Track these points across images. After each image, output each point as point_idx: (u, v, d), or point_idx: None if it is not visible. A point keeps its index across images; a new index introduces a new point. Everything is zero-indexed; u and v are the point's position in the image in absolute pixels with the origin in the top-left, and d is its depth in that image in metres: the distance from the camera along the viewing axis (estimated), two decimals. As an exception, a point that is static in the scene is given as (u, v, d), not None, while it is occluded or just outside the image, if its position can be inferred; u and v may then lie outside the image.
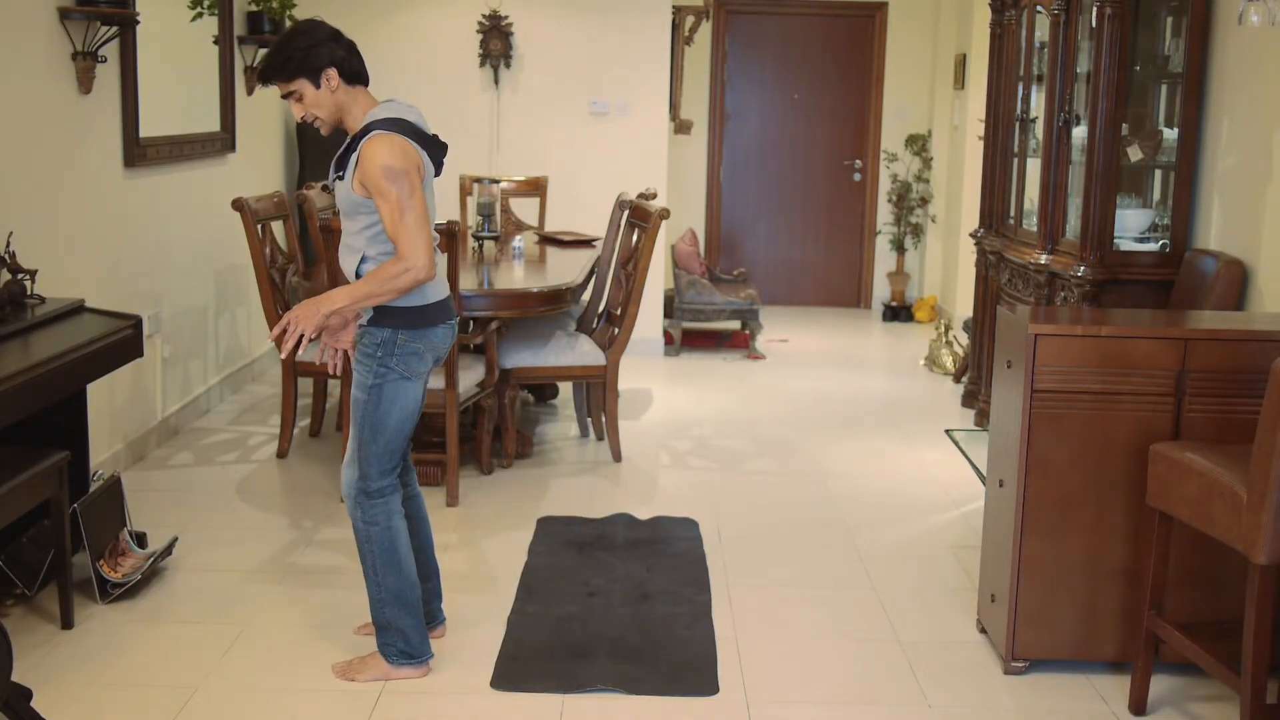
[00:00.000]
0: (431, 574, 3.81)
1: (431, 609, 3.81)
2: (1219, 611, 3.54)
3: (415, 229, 3.32)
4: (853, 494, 5.38)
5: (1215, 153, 5.04)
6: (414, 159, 3.36)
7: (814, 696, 3.57)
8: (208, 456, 5.69)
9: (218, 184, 6.38)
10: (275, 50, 3.42)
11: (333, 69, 3.41)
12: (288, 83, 3.41)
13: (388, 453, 3.48)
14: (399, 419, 3.48)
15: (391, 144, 3.33)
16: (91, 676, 3.55)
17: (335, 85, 3.42)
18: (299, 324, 3.34)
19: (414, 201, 3.32)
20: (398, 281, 3.33)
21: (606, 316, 5.89)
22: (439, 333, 3.53)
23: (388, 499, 3.50)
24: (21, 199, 4.52)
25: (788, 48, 9.94)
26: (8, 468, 3.60)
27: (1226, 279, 4.71)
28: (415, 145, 3.40)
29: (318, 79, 3.40)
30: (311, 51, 3.39)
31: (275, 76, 3.42)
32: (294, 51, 3.39)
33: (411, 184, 3.32)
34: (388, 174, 3.30)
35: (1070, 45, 5.56)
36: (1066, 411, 3.54)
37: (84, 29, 4.87)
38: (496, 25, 7.83)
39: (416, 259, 3.31)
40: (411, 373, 3.48)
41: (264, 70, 3.44)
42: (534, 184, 7.53)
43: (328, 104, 3.43)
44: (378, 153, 3.31)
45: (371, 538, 3.50)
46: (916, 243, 9.92)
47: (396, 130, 3.38)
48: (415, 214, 3.32)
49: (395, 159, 3.31)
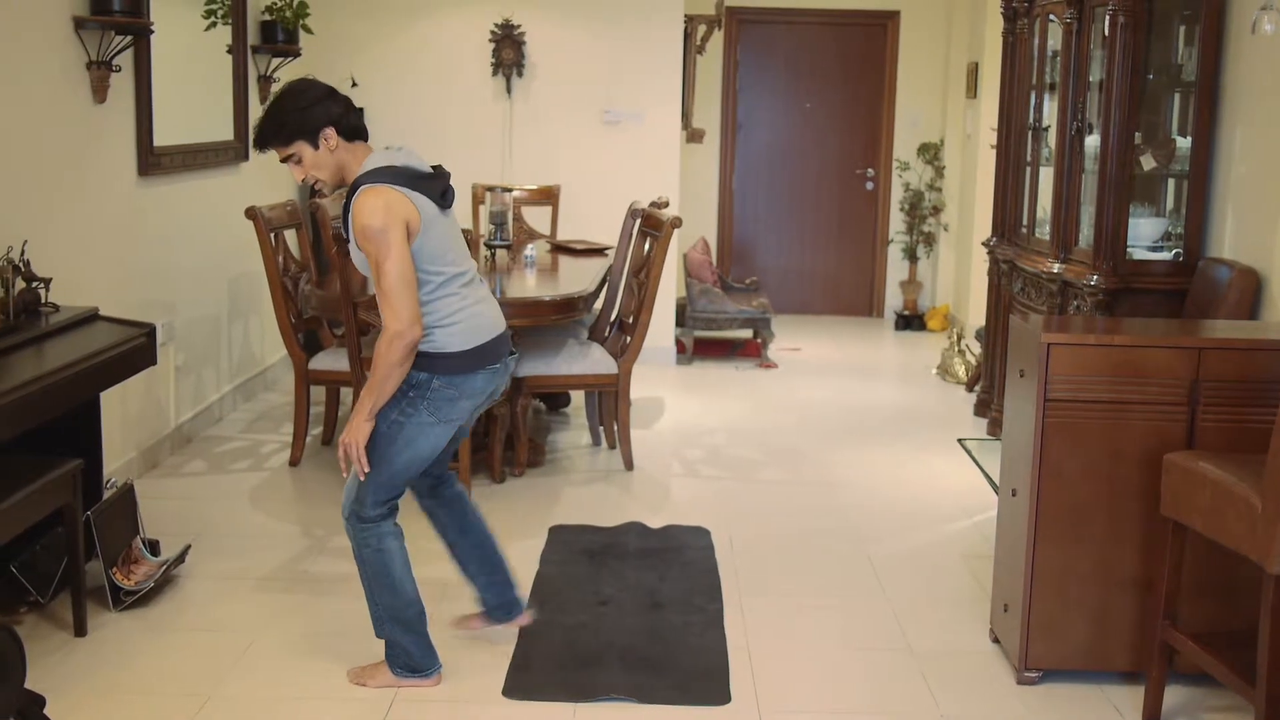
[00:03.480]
0: (497, 566, 3.79)
1: (507, 600, 3.81)
2: (1233, 622, 3.53)
3: (393, 291, 3.20)
4: (865, 503, 5.38)
5: (1229, 161, 5.03)
6: (398, 212, 3.23)
7: (826, 706, 3.56)
8: (220, 464, 5.70)
9: (231, 193, 6.40)
10: (269, 114, 3.33)
11: (330, 128, 3.32)
12: (285, 146, 3.32)
13: (388, 487, 3.44)
14: (407, 460, 3.42)
15: (375, 200, 3.22)
16: (104, 684, 3.56)
17: (334, 144, 3.33)
18: (353, 444, 3.32)
19: (391, 262, 3.20)
20: (393, 354, 3.23)
21: (618, 325, 5.89)
22: (478, 379, 3.42)
23: (379, 524, 3.47)
24: (36, 207, 4.54)
25: (799, 57, 9.94)
26: (22, 476, 3.61)
27: (1240, 288, 4.70)
28: (406, 192, 3.27)
29: (316, 140, 3.32)
30: (307, 112, 3.30)
31: (271, 141, 3.34)
32: (288, 114, 3.31)
33: (389, 242, 3.19)
34: (366, 233, 3.21)
35: (1083, 53, 5.55)
36: (1079, 421, 3.54)
37: (99, 38, 4.89)
38: (509, 34, 7.85)
39: (398, 323, 3.21)
40: (442, 417, 3.40)
41: (259, 135, 3.35)
42: (546, 192, 7.54)
43: (328, 164, 3.35)
44: (359, 212, 3.22)
45: (364, 559, 3.49)
46: (929, 251, 9.91)
47: (384, 179, 3.27)
48: (392, 276, 3.20)
49: (375, 217, 3.20)
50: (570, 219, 7.71)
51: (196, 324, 6.11)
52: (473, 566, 3.78)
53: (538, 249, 6.66)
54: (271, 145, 3.35)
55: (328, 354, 5.63)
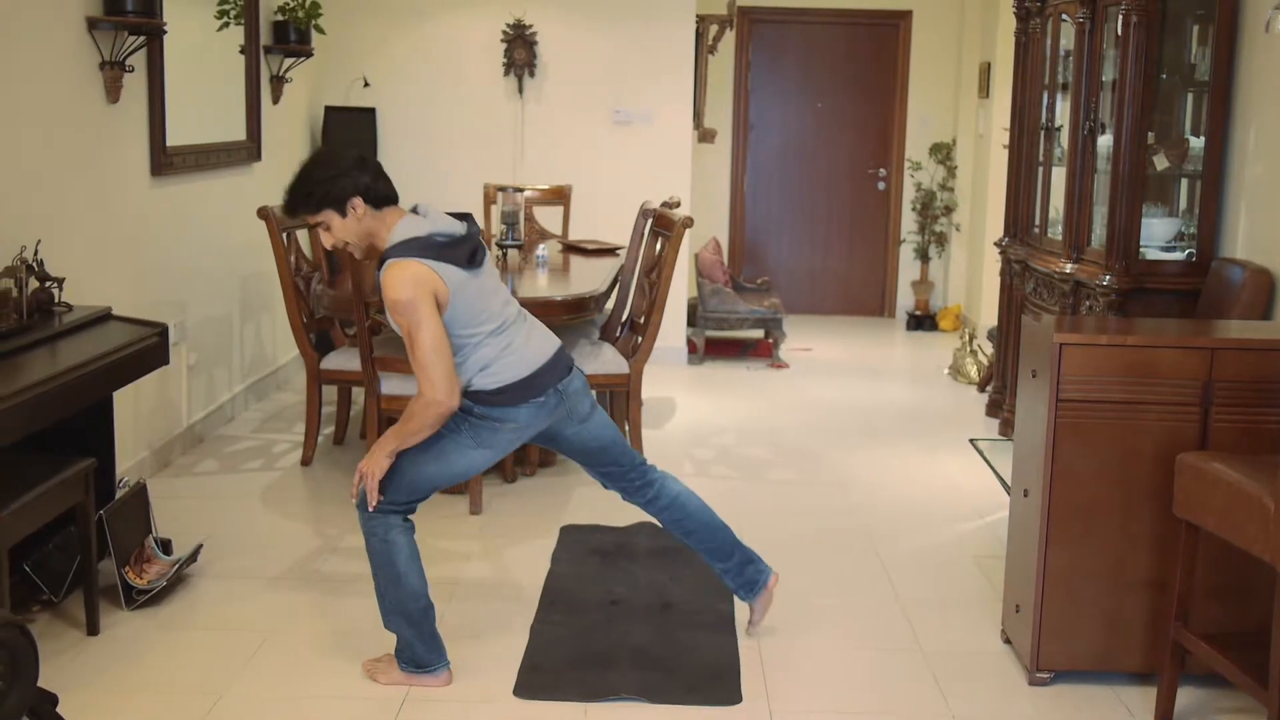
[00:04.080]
0: (730, 550, 3.85)
1: (747, 580, 3.87)
2: (1246, 623, 3.52)
3: (428, 361, 3.29)
4: (876, 503, 5.37)
5: (1242, 161, 5.02)
6: (425, 284, 3.28)
7: (836, 706, 3.56)
8: (232, 464, 5.71)
9: (243, 192, 6.41)
10: (298, 183, 3.39)
11: (358, 197, 3.36)
12: (313, 215, 3.39)
13: (408, 490, 3.46)
14: (434, 472, 3.47)
15: (401, 274, 3.28)
16: (117, 682, 3.57)
17: (362, 213, 3.37)
18: (370, 476, 3.38)
19: (422, 334, 3.27)
20: (426, 418, 3.34)
21: (630, 325, 5.89)
22: (523, 412, 3.48)
23: (388, 517, 3.48)
24: (49, 207, 4.56)
25: (811, 56, 9.93)
26: (35, 475, 3.63)
27: (1253, 288, 4.68)
28: (431, 264, 3.30)
29: (343, 209, 3.36)
30: (335, 182, 3.34)
31: (300, 209, 3.40)
32: (316, 184, 3.36)
33: (418, 314, 3.26)
34: (396, 308, 3.29)
35: (1095, 53, 5.54)
36: (1092, 421, 3.53)
37: (112, 39, 4.91)
38: (521, 35, 7.85)
39: (433, 393, 3.30)
40: (481, 442, 3.47)
41: (289, 203, 3.42)
42: (558, 192, 7.54)
43: (356, 231, 3.40)
44: (387, 286, 3.29)
45: (372, 548, 3.50)
46: (941, 251, 9.90)
47: (410, 253, 3.31)
48: (424, 347, 3.28)
49: (402, 291, 3.26)
50: (582, 219, 7.71)
51: (209, 323, 6.12)
52: (708, 558, 3.91)
53: (549, 249, 6.67)
54: (299, 213, 3.43)
55: (339, 354, 5.64)
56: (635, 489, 3.78)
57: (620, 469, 3.74)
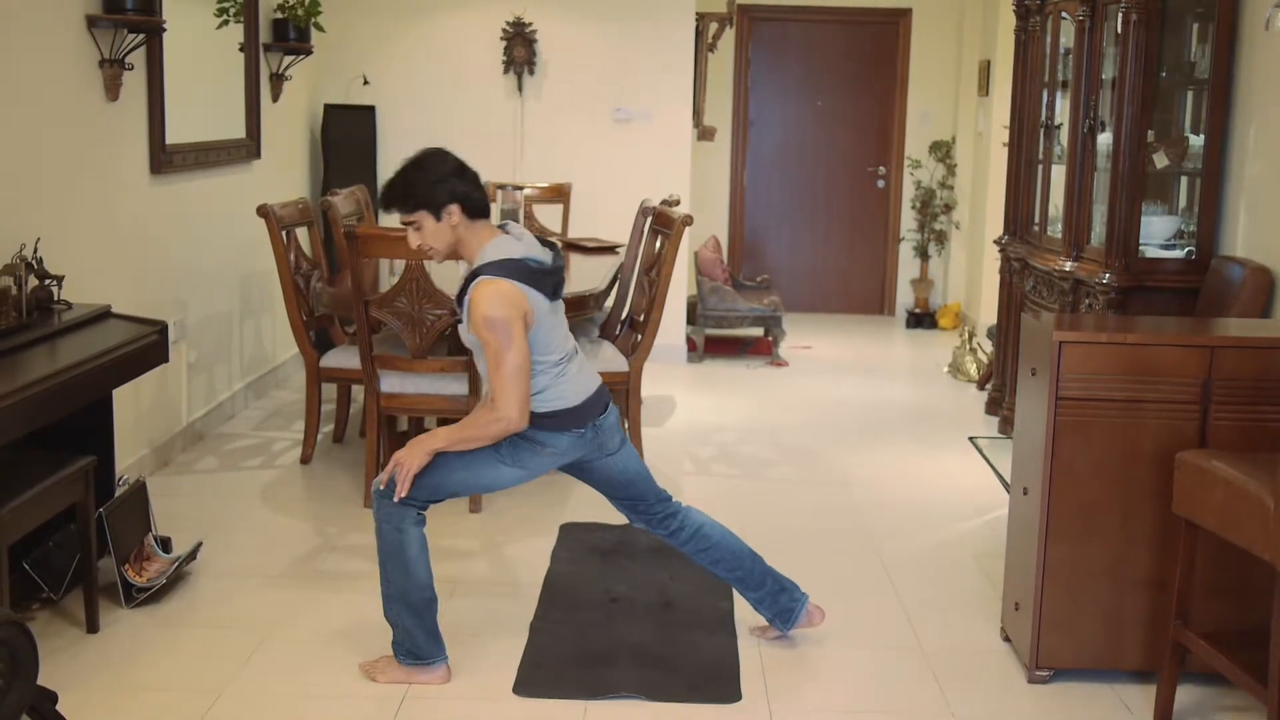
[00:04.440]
0: (760, 580, 3.85)
1: (783, 609, 3.87)
2: (1245, 621, 3.51)
3: (509, 380, 3.35)
4: (876, 501, 5.37)
5: (1242, 159, 5.02)
6: (518, 305, 3.36)
7: (836, 705, 3.56)
8: (232, 462, 5.71)
9: (243, 190, 6.41)
10: (399, 180, 3.45)
11: (455, 205, 3.42)
12: (409, 214, 3.44)
13: (430, 490, 3.50)
14: (460, 480, 3.52)
15: (495, 292, 3.34)
16: (116, 680, 3.57)
17: (456, 221, 3.43)
18: (408, 465, 3.41)
19: (511, 353, 3.34)
20: (489, 429, 3.41)
21: (629, 323, 5.89)
22: (563, 440, 3.54)
23: (405, 509, 3.50)
24: (49, 205, 4.56)
25: (811, 54, 9.93)
26: (35, 472, 3.63)
27: (1253, 286, 4.68)
28: (522, 287, 3.38)
29: (439, 214, 3.42)
30: (435, 186, 3.40)
31: (398, 206, 3.45)
32: (418, 186, 3.42)
33: (510, 334, 3.33)
34: (487, 324, 3.34)
35: (1095, 51, 5.54)
36: (1091, 419, 3.53)
37: (111, 36, 4.91)
38: (520, 32, 7.85)
39: (509, 411, 3.37)
40: (518, 462, 3.53)
41: (387, 197, 3.47)
42: (557, 190, 7.54)
43: (446, 237, 3.45)
44: (479, 303, 3.35)
45: (383, 535, 3.52)
46: (940, 249, 9.90)
47: (506, 273, 3.37)
48: (511, 366, 3.35)
49: (496, 309, 3.33)
50: (581, 217, 7.71)
51: (208, 322, 6.12)
52: (738, 587, 3.91)
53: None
54: (396, 209, 3.47)
55: (339, 351, 5.64)
56: (659, 520, 3.81)
57: (646, 502, 3.79)
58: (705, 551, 3.83)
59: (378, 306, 4.83)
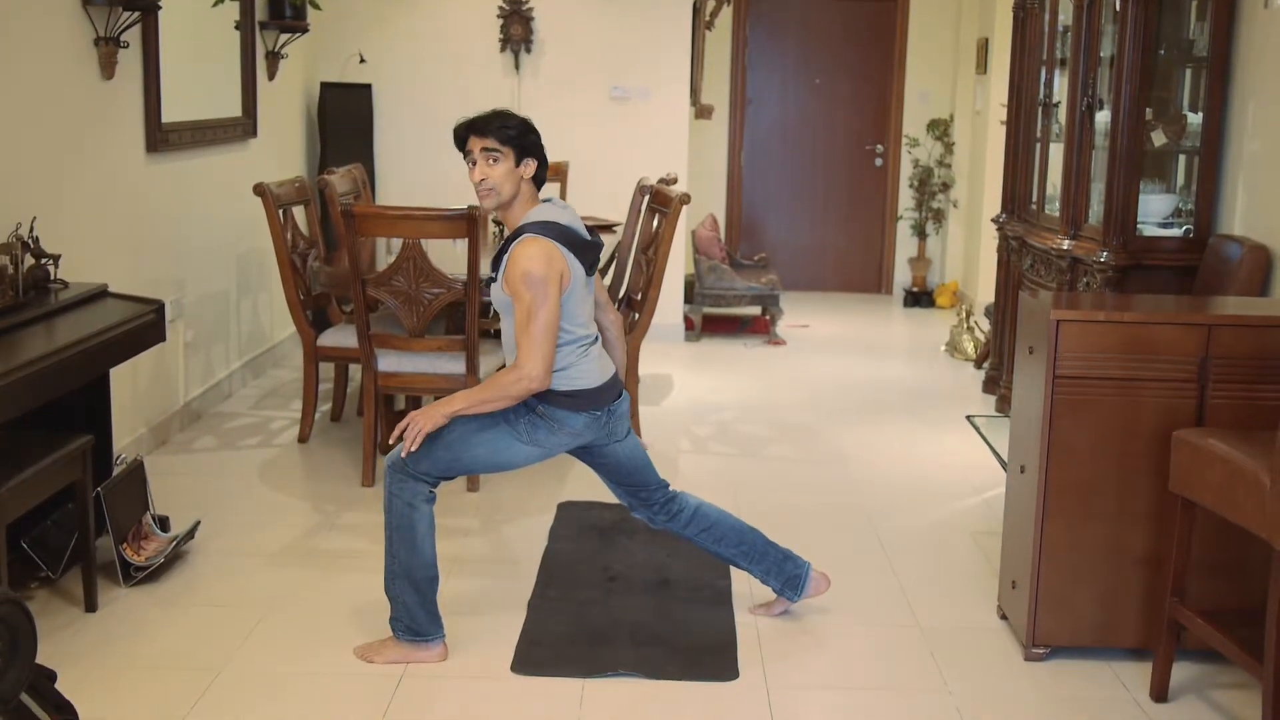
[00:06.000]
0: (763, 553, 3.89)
1: (790, 577, 3.91)
2: (1242, 599, 3.52)
3: (539, 338, 3.41)
4: (873, 480, 5.38)
5: (1240, 137, 5.01)
6: (557, 266, 3.44)
7: (834, 682, 3.57)
8: (230, 441, 5.71)
9: (239, 169, 6.40)
10: (506, 115, 3.57)
11: (535, 162, 3.56)
12: (501, 145, 3.51)
13: (443, 465, 3.52)
14: (474, 457, 3.54)
15: (538, 249, 3.43)
16: (115, 659, 3.58)
17: (528, 175, 3.56)
18: (421, 424, 3.42)
19: (544, 311, 3.40)
20: (512, 389, 3.43)
21: (627, 301, 5.89)
22: (580, 420, 3.58)
23: (418, 483, 3.51)
24: (44, 184, 4.54)
25: (809, 32, 9.90)
26: (32, 452, 3.63)
27: (1251, 264, 4.68)
28: (563, 250, 3.47)
29: (521, 160, 3.54)
30: (532, 136, 3.56)
31: (494, 134, 3.52)
32: (522, 128, 3.54)
33: (547, 293, 3.40)
34: (526, 279, 3.40)
35: (1094, 29, 5.52)
36: (1089, 397, 3.53)
37: (106, 14, 4.88)
38: (517, 10, 7.82)
39: (533, 369, 3.41)
40: (535, 440, 3.56)
41: (486, 118, 3.54)
42: (555, 169, 7.50)
43: (512, 183, 3.54)
44: (522, 256, 3.43)
45: (393, 509, 3.53)
46: (938, 228, 9.89)
47: (550, 234, 3.47)
48: (542, 323, 3.41)
49: (537, 265, 3.40)
50: (579, 195, 7.68)
51: (205, 300, 6.11)
52: (743, 562, 3.92)
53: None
54: (493, 135, 3.52)
55: (336, 330, 5.63)
56: (659, 505, 3.85)
57: (648, 489, 3.84)
58: (707, 531, 3.86)
59: (375, 285, 4.82)
